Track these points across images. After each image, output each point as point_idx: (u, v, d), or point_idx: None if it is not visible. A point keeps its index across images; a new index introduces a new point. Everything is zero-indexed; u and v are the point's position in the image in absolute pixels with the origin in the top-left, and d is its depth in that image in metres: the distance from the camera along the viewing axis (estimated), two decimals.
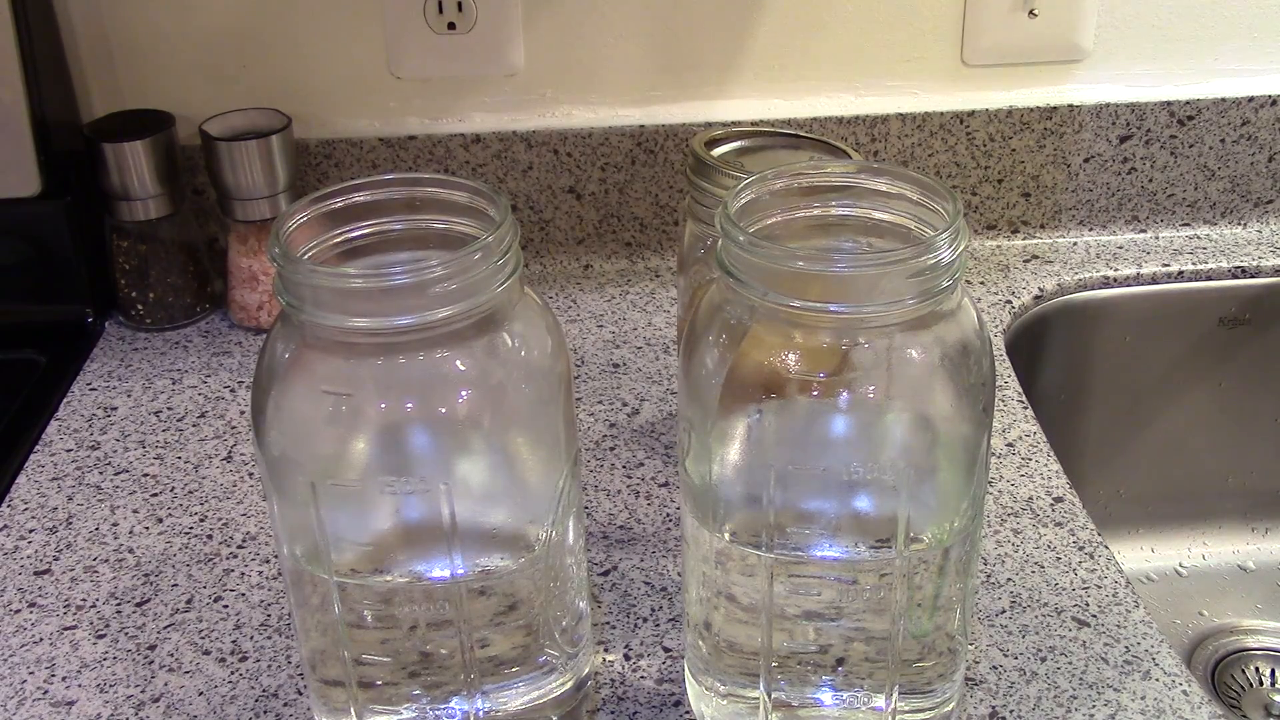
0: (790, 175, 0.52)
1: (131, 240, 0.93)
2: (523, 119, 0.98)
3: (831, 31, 0.97)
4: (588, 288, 0.99)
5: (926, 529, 0.52)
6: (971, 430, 0.51)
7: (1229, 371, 1.02)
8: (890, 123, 0.98)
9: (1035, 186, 1.02)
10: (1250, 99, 0.99)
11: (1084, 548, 0.71)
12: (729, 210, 0.49)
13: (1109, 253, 1.02)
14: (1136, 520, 1.05)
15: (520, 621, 0.54)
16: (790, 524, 0.51)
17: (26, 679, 0.64)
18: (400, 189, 0.52)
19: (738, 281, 0.48)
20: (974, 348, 0.50)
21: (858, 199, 0.52)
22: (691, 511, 0.54)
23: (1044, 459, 0.78)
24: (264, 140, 0.90)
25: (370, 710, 0.54)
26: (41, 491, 0.78)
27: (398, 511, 0.50)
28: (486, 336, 0.49)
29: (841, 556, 0.52)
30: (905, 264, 0.47)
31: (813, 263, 0.47)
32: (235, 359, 0.91)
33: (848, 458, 0.50)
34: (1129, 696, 0.61)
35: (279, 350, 0.49)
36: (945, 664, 0.55)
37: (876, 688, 0.54)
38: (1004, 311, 0.95)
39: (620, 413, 0.84)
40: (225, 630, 0.67)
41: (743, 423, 0.51)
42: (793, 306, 0.47)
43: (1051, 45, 0.99)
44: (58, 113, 0.91)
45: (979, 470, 0.52)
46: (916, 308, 0.48)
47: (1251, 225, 1.04)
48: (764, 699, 0.55)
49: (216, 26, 0.95)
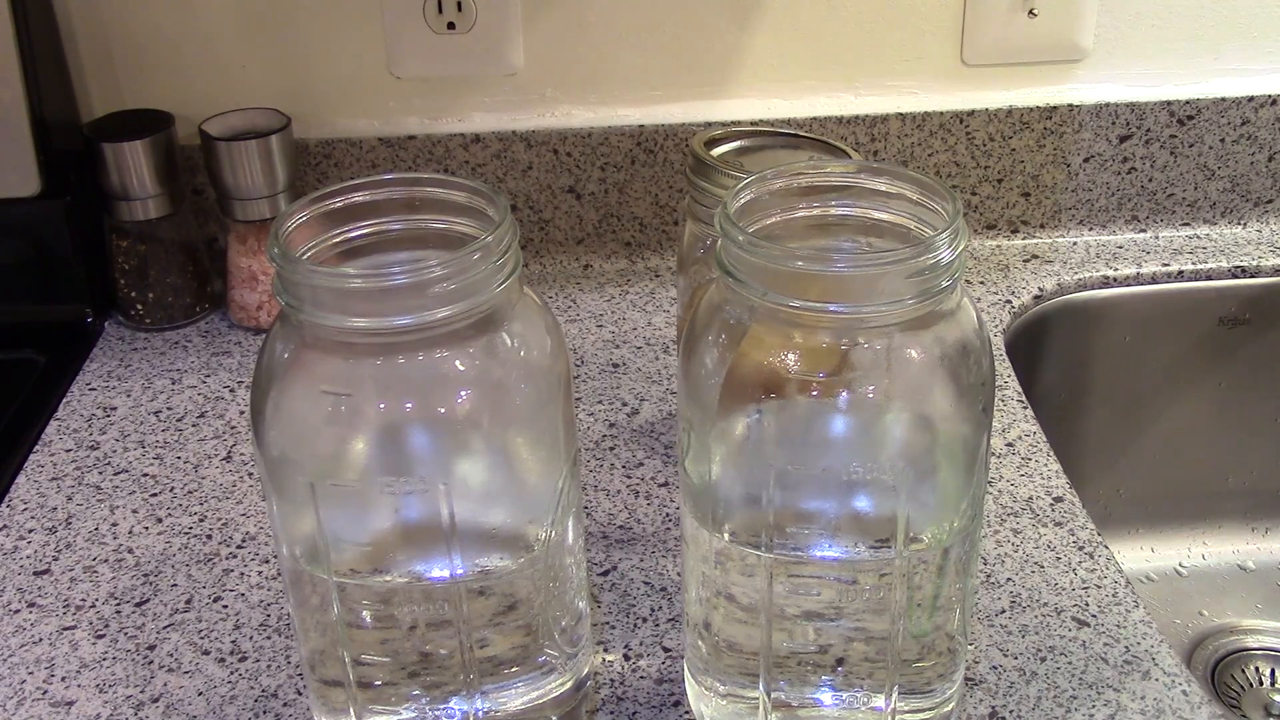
0: (790, 175, 0.52)
1: (131, 240, 0.93)
2: (522, 119, 0.98)
3: (831, 31, 0.97)
4: (587, 288, 0.99)
5: (926, 529, 0.52)
6: (971, 430, 0.51)
7: (1229, 371, 1.02)
8: (890, 123, 0.98)
9: (1035, 186, 1.02)
10: (1250, 99, 0.99)
11: (1084, 548, 0.71)
12: (728, 210, 0.49)
13: (1109, 252, 1.02)
14: (1136, 520, 1.05)
15: (520, 622, 0.54)
16: (790, 524, 0.51)
17: (26, 679, 0.64)
18: (400, 189, 0.52)
19: (737, 281, 0.48)
20: (974, 348, 0.50)
21: (857, 199, 0.52)
22: (691, 511, 0.54)
23: (1044, 459, 0.78)
24: (264, 140, 0.90)
25: (370, 710, 0.54)
26: (41, 491, 0.78)
27: (397, 512, 0.50)
28: (486, 336, 0.49)
29: (841, 556, 0.52)
30: (905, 264, 0.47)
31: (812, 263, 0.47)
32: (235, 359, 0.91)
33: (847, 458, 0.50)
34: (1129, 696, 0.61)
35: (278, 350, 0.49)
36: (945, 664, 0.55)
37: (876, 688, 0.54)
38: (1004, 311, 0.95)
39: (620, 413, 0.84)
40: (225, 630, 0.67)
41: (742, 423, 0.51)
42: (792, 306, 0.47)
43: (1051, 45, 0.99)
44: (57, 113, 0.91)
45: (979, 470, 0.52)
46: (916, 308, 0.48)
47: (1251, 225, 1.04)
48: (763, 699, 0.55)
49: (216, 26, 0.95)
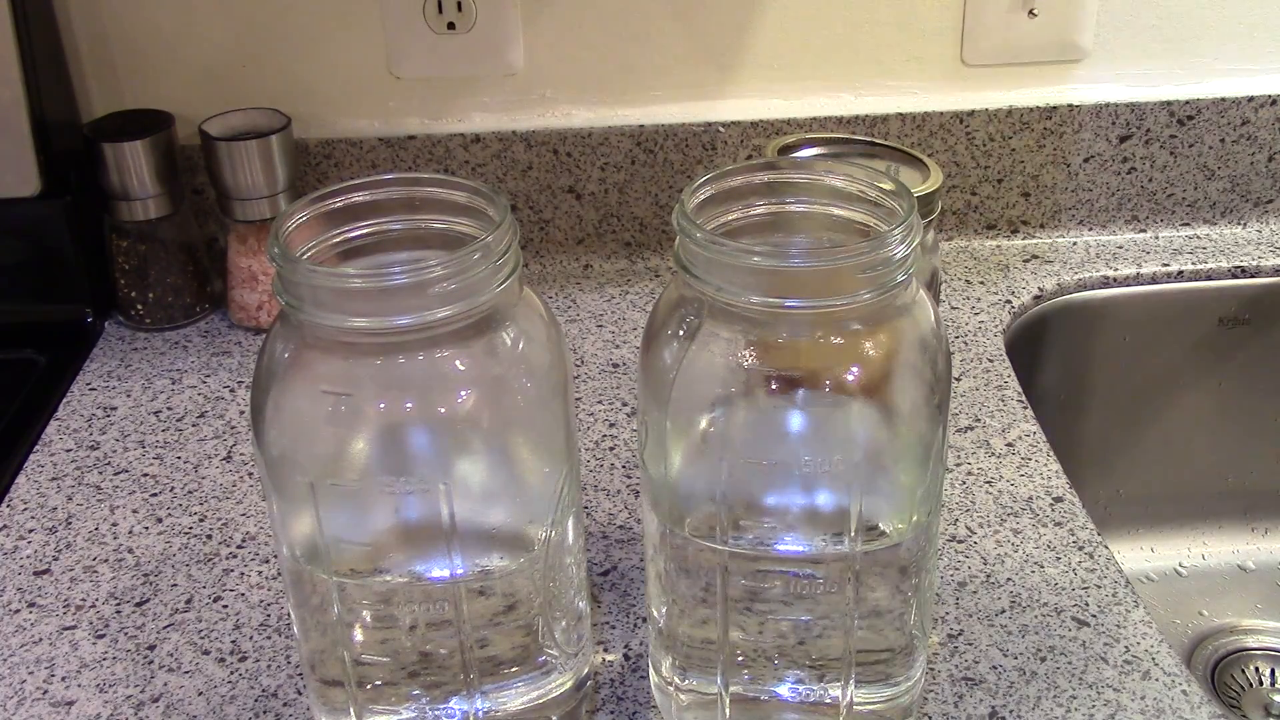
0: (747, 172, 0.53)
1: (131, 240, 0.93)
2: (522, 119, 0.98)
3: (832, 31, 0.97)
4: (587, 288, 0.99)
5: (882, 523, 0.52)
6: (926, 425, 0.51)
7: (1229, 371, 1.02)
8: (890, 123, 0.98)
9: (1035, 186, 1.02)
10: (1250, 99, 0.99)
11: (1084, 548, 0.71)
12: (685, 207, 0.50)
13: (1109, 252, 1.02)
14: (1136, 520, 1.05)
15: (520, 621, 0.54)
16: (746, 518, 0.52)
17: (26, 679, 0.64)
18: (400, 189, 0.52)
19: (694, 278, 0.49)
20: (929, 344, 0.51)
21: (816, 196, 0.53)
22: (649, 506, 0.55)
23: (1044, 459, 0.78)
24: (264, 140, 0.90)
25: (370, 710, 0.54)
26: (41, 491, 0.78)
27: (397, 511, 0.50)
28: (486, 336, 0.49)
29: (797, 551, 0.53)
30: (859, 259, 0.47)
31: (768, 258, 0.47)
32: (235, 359, 0.91)
33: (803, 452, 0.51)
34: (1129, 696, 0.61)
35: (278, 350, 0.49)
36: (903, 656, 0.56)
37: (834, 679, 0.55)
38: (1004, 311, 0.95)
39: (620, 413, 0.84)
40: (225, 630, 0.67)
41: (699, 418, 0.51)
42: (749, 302, 0.48)
43: (1051, 45, 0.99)
44: (58, 113, 0.91)
45: (934, 465, 0.52)
46: (871, 303, 0.48)
47: (1251, 225, 1.04)
48: (721, 692, 0.56)
49: (216, 26, 0.95)
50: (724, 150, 0.98)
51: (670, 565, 0.54)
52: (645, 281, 1.00)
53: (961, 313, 0.94)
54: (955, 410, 0.83)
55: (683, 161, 0.99)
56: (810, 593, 0.53)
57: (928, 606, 0.57)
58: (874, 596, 0.53)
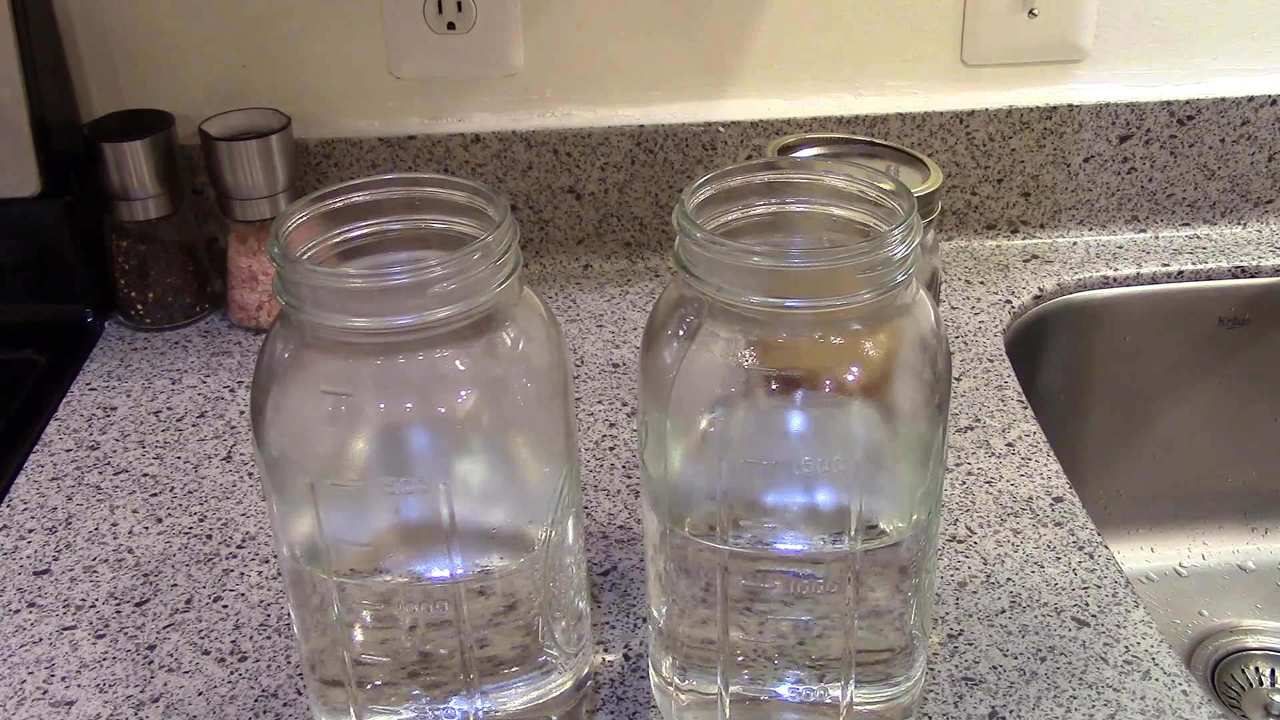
0: (747, 172, 0.53)
1: (131, 240, 0.93)
2: (522, 119, 0.98)
3: (831, 31, 0.97)
4: (587, 288, 0.99)
5: (882, 523, 0.52)
6: (926, 425, 0.51)
7: (1229, 371, 1.02)
8: (890, 123, 0.98)
9: (1035, 186, 1.02)
10: (1250, 99, 0.99)
11: (1084, 548, 0.71)
12: (685, 207, 0.50)
13: (1109, 253, 1.02)
14: (1136, 520, 1.05)
15: (519, 621, 0.54)
16: (746, 518, 0.52)
17: (26, 679, 0.64)
18: (400, 189, 0.52)
19: (694, 278, 0.49)
20: (929, 344, 0.51)
21: (816, 196, 0.53)
22: (649, 505, 0.55)
23: (1044, 459, 0.78)
24: (263, 140, 0.90)
25: (370, 710, 0.54)
26: (41, 491, 0.78)
27: (397, 511, 0.50)
28: (486, 336, 0.49)
29: (797, 550, 0.53)
30: (859, 259, 0.47)
31: (768, 258, 0.47)
32: (235, 359, 0.91)
33: (803, 452, 0.51)
34: (1129, 696, 0.61)
35: (278, 350, 0.49)
36: (903, 656, 0.56)
37: (834, 680, 0.55)
38: (1004, 311, 0.95)
39: (620, 413, 0.84)
40: (225, 630, 0.67)
41: (699, 418, 0.51)
42: (749, 302, 0.48)
43: (1051, 45, 0.99)
44: (57, 113, 0.91)
45: (934, 465, 0.52)
46: (871, 303, 0.48)
47: (1251, 225, 1.04)
48: (721, 693, 0.56)
49: (216, 26, 0.95)
50: (724, 150, 0.98)
51: (670, 565, 0.54)
52: (645, 281, 1.00)
53: (961, 313, 0.94)
54: (955, 410, 0.83)
55: (683, 161, 0.99)
56: (810, 592, 0.53)
57: (928, 606, 0.57)
58: (874, 596, 0.53)
